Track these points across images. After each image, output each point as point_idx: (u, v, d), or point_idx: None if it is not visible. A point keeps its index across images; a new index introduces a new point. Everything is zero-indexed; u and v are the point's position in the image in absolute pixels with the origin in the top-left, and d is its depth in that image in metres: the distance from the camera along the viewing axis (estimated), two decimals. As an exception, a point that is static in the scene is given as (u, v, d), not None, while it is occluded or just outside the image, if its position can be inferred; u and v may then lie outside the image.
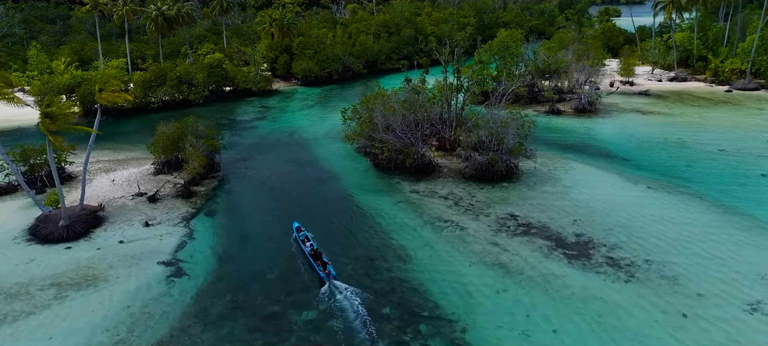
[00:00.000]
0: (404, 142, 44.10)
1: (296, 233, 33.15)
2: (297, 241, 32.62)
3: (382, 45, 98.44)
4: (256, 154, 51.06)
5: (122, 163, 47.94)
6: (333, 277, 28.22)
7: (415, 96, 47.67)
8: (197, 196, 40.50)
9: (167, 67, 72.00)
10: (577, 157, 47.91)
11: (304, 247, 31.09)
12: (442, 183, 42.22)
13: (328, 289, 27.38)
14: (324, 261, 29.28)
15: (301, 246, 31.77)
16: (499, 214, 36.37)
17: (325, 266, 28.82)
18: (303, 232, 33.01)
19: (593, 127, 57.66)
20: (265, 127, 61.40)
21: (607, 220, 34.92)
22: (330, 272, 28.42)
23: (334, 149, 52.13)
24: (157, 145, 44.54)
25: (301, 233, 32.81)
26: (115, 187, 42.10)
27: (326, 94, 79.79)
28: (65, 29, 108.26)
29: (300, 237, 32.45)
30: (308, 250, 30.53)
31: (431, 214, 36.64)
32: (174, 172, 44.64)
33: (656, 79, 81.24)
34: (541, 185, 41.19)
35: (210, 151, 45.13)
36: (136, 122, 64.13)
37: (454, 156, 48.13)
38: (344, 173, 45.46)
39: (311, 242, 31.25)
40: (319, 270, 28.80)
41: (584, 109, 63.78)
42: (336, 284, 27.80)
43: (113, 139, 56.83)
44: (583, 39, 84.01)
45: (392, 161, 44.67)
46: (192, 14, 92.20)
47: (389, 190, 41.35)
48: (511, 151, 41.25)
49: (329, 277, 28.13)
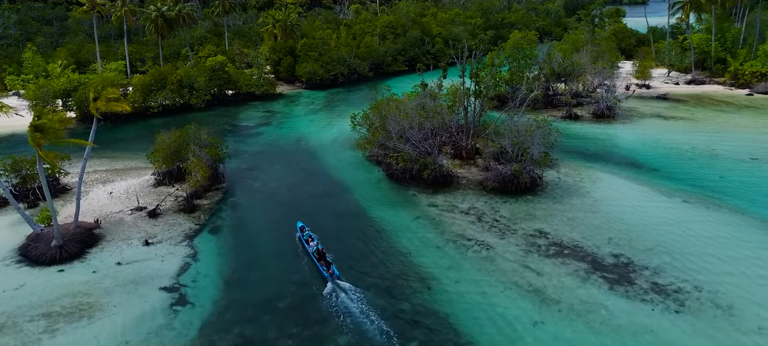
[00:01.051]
0: (420, 151, 41.47)
1: (299, 233, 33.16)
2: (300, 240, 32.62)
3: (388, 47, 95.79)
4: (261, 163, 48.38)
5: (120, 174, 45.25)
6: (336, 277, 28.22)
7: (432, 102, 44.95)
8: (201, 210, 37.83)
9: (167, 70, 69.34)
10: (603, 166, 45.24)
11: (308, 246, 31.04)
12: (462, 196, 39.57)
13: (332, 288, 27.46)
14: (328, 261, 29.38)
15: (304, 246, 31.71)
16: (526, 231, 33.71)
17: (328, 266, 28.87)
18: (307, 231, 32.89)
19: (615, 133, 54.99)
20: (270, 133, 58.72)
21: (645, 238, 32.26)
22: (333, 271, 28.45)
23: (343, 158, 49.45)
24: (158, 154, 41.90)
25: (305, 233, 32.66)
26: (113, 200, 39.42)
27: (332, 98, 77.13)
28: (62, 30, 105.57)
29: (304, 237, 32.32)
30: (312, 249, 30.44)
31: (453, 231, 33.97)
32: (175, 183, 41.99)
33: (673, 82, 78.60)
34: (568, 198, 38.54)
35: (214, 162, 42.48)
36: (135, 128, 61.45)
37: (472, 165, 45.49)
38: (356, 184, 42.79)
39: (315, 242, 31.26)
40: (322, 270, 28.86)
41: (603, 114, 61.12)
42: (340, 283, 27.80)
43: (111, 146, 54.11)
44: (596, 40, 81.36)
45: (407, 172, 42.03)
46: (193, 15, 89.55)
47: (406, 203, 38.69)
48: (537, 162, 38.57)
49: (333, 277, 28.17)
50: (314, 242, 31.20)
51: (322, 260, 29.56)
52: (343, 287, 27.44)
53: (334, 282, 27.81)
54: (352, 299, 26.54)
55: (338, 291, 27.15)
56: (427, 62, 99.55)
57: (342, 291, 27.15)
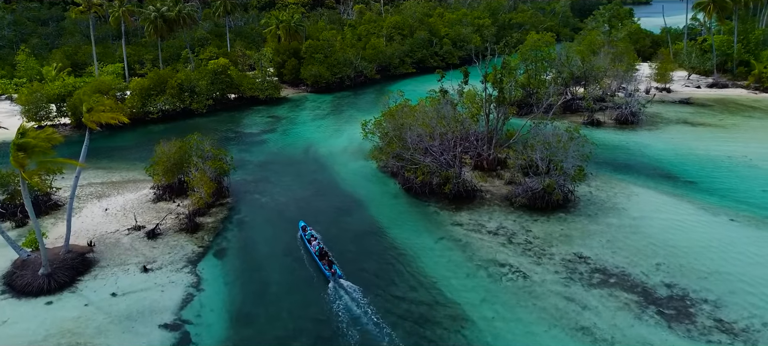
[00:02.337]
0: (441, 163, 38.32)
1: (302, 232, 33.00)
2: (302, 239, 32.43)
3: (396, 48, 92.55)
4: (268, 175, 45.19)
5: (117, 187, 42.05)
6: (339, 276, 28.00)
7: (452, 110, 41.74)
8: (204, 230, 34.64)
9: (167, 73, 66.12)
10: (635, 179, 42.11)
11: (310, 246, 30.86)
12: (488, 213, 36.41)
13: (334, 288, 27.28)
14: (330, 260, 29.27)
15: (306, 245, 31.54)
16: (564, 255, 30.57)
17: (331, 266, 28.72)
18: (309, 231, 32.67)
19: (643, 141, 51.82)
20: (275, 141, 55.52)
21: (698, 264, 29.13)
22: (336, 271, 28.28)
23: (355, 169, 46.27)
24: (157, 167, 38.70)
25: (307, 233, 32.39)
26: (108, 218, 36.23)
27: (339, 102, 73.93)
28: (59, 31, 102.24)
29: (306, 236, 32.09)
30: (315, 249, 30.22)
31: (483, 255, 30.81)
32: (177, 198, 38.82)
33: (694, 86, 75.49)
34: (604, 216, 35.39)
35: (218, 175, 39.31)
36: (133, 136, 58.22)
37: (495, 177, 42.34)
38: (372, 199, 39.62)
39: (318, 241, 31.13)
40: (324, 269, 28.67)
41: (626, 120, 58.00)
42: (342, 283, 27.59)
43: (108, 156, 50.92)
44: (613, 42, 78.21)
45: (426, 186, 38.88)
46: (193, 16, 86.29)
47: (427, 222, 35.53)
48: (572, 177, 35.40)
49: (335, 276, 27.97)
50: (316, 242, 31.04)
51: (324, 259, 29.36)
52: (346, 288, 27.21)
53: (337, 282, 27.61)
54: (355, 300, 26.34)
55: (341, 292, 27.01)
56: (435, 64, 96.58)
57: (345, 292, 26.94)
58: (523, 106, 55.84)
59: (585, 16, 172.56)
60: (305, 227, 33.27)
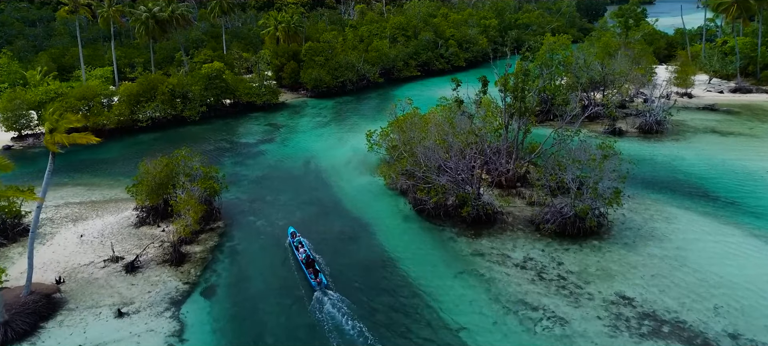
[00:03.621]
0: (457, 181, 34.22)
1: (290, 239, 32.00)
2: (291, 246, 31.44)
3: (399, 50, 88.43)
4: (264, 192, 41.08)
5: (97, 208, 37.91)
6: (324, 286, 27.20)
7: (468, 121, 37.67)
8: (191, 262, 30.53)
9: (158, 78, 62.01)
10: (670, 198, 38.02)
11: (298, 253, 29.93)
12: (512, 239, 32.31)
13: (320, 298, 26.37)
14: (316, 269, 28.14)
15: (294, 252, 30.57)
16: (605, 295, 26.47)
17: (316, 275, 27.73)
18: (297, 237, 31.75)
19: (671, 153, 47.72)
20: (273, 152, 51.37)
21: (762, 306, 25.07)
22: (321, 280, 27.46)
23: (361, 185, 42.15)
24: (141, 187, 34.62)
25: (296, 239, 31.47)
26: (83, 247, 32.10)
27: (340, 108, 69.83)
28: (49, 32, 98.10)
29: (294, 243, 31.13)
30: (302, 257, 29.26)
31: (511, 294, 26.73)
32: (162, 221, 34.72)
33: (716, 91, 71.40)
34: (644, 244, 31.31)
35: (208, 195, 35.22)
36: (119, 146, 54.11)
37: (515, 196, 38.28)
38: (380, 222, 35.49)
39: (305, 249, 30.05)
40: (310, 278, 27.70)
41: (650, 129, 53.92)
42: (328, 292, 26.73)
43: (90, 170, 46.85)
44: (630, 44, 74.07)
45: (441, 207, 34.81)
46: (187, 16, 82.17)
47: (443, 251, 31.44)
48: (607, 201, 31.28)
49: (321, 286, 27.15)
50: (303, 249, 29.99)
51: (310, 267, 28.21)
52: (331, 298, 26.22)
53: (322, 291, 26.79)
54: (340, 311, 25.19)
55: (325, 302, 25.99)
56: (440, 66, 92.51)
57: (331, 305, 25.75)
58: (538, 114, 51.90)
59: (591, 16, 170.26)
60: (294, 233, 32.48)
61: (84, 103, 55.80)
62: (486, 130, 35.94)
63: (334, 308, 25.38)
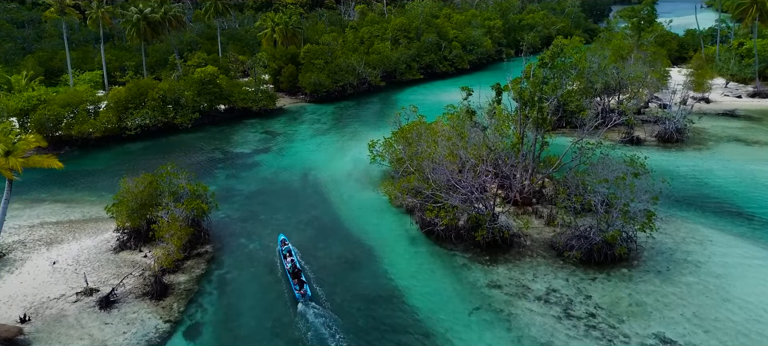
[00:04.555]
0: (470, 200, 31.03)
1: (280, 246, 30.99)
2: (279, 254, 30.41)
3: (402, 52, 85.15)
4: (259, 209, 37.85)
5: (74, 229, 34.67)
6: (308, 298, 26.32)
7: (482, 134, 34.47)
8: (174, 294, 27.32)
9: (148, 83, 58.76)
10: (701, 217, 34.82)
11: (285, 262, 28.86)
12: (531, 267, 29.12)
13: (303, 309, 25.62)
14: (302, 280, 27.16)
15: (282, 261, 29.57)
16: (642, 336, 23.28)
17: (302, 286, 26.78)
18: (287, 245, 30.75)
19: (696, 165, 44.55)
20: (269, 164, 48.13)
21: (825, 354, 21.90)
22: (306, 292, 26.50)
23: (363, 202, 38.91)
24: (121, 208, 31.41)
25: (285, 247, 30.49)
26: (56, 275, 28.89)
27: (340, 114, 66.61)
28: (39, 34, 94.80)
29: (283, 251, 30.11)
30: (288, 266, 28.20)
31: (535, 337, 23.52)
32: (145, 246, 31.52)
33: (734, 95, 68.22)
34: (679, 273, 28.12)
35: (196, 216, 32.00)
36: (106, 157, 50.87)
37: (531, 214, 35.07)
38: (384, 246, 32.24)
39: (293, 258, 28.93)
40: (295, 289, 26.70)
41: (670, 138, 50.72)
42: (312, 304, 25.91)
43: (72, 183, 43.60)
44: (643, 46, 70.87)
45: (451, 229, 31.61)
46: (181, 18, 78.96)
47: (455, 281, 28.24)
48: (640, 226, 28.05)
49: (305, 297, 26.27)
50: (291, 258, 28.80)
51: (296, 278, 27.22)
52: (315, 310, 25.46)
53: (306, 303, 25.90)
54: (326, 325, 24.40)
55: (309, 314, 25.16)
56: (444, 69, 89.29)
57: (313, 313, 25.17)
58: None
59: (596, 17, 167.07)
60: (284, 241, 31.44)
61: (68, 110, 52.55)
62: (502, 144, 32.61)
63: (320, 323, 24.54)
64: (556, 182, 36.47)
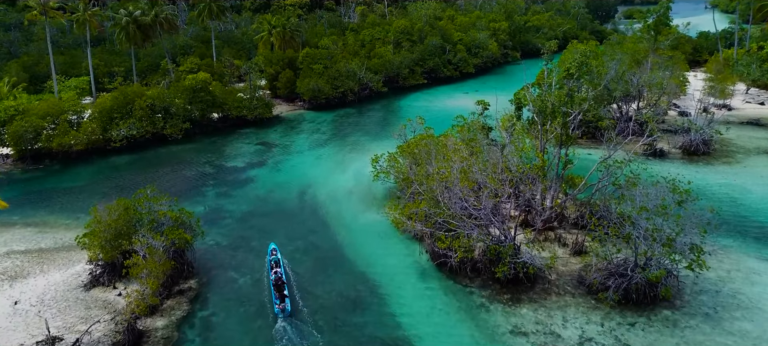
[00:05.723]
0: (487, 227, 27.42)
1: (269, 256, 29.58)
2: (267, 264, 29.06)
3: (404, 56, 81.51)
4: (251, 236, 34.15)
5: (44, 260, 30.98)
6: (287, 314, 24.94)
7: (500, 152, 30.80)
8: (150, 343, 23.66)
9: (136, 91, 55.08)
10: (743, 245, 31.22)
11: (272, 273, 27.13)
12: (560, 308, 25.48)
13: (282, 326, 24.20)
14: (284, 294, 25.40)
15: (268, 272, 28.30)
16: (699, 403, 19.63)
17: (283, 299, 25.15)
18: (276, 255, 29.36)
19: (728, 182, 40.93)
20: (264, 180, 44.47)
21: None
22: (285, 307, 24.91)
23: (366, 226, 35.24)
24: (93, 239, 27.76)
25: (274, 257, 29.02)
26: (16, 319, 25.24)
27: (341, 122, 62.98)
28: (28, 37, 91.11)
29: (271, 261, 28.68)
30: (273, 278, 26.45)
31: (573, 401, 19.88)
32: (119, 282, 27.87)
33: (756, 102, 64.68)
34: (729, 316, 24.50)
35: (178, 248, 28.37)
36: (89, 172, 47.18)
37: (555, 241, 31.45)
38: (391, 281, 28.60)
39: (279, 269, 27.32)
40: (275, 303, 25.22)
41: (696, 150, 47.13)
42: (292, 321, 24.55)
43: (48, 203, 39.95)
44: (659, 50, 67.22)
45: (467, 261, 27.99)
46: (174, 21, 75.30)
47: (473, 325, 24.61)
48: (688, 265, 24.38)
49: (284, 313, 24.91)
50: (278, 269, 27.23)
51: (279, 291, 25.54)
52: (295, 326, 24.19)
53: (286, 319, 24.57)
54: None
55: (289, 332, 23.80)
56: (448, 73, 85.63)
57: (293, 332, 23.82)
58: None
59: (602, 18, 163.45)
60: (275, 250, 30.07)
61: (49, 121, 48.90)
62: (523, 167, 28.88)
63: None
64: (582, 205, 32.83)
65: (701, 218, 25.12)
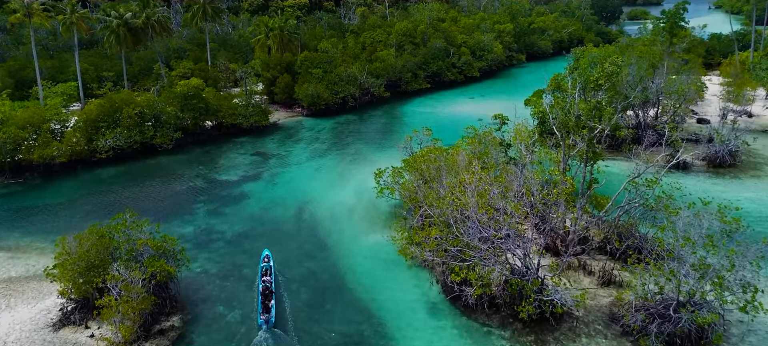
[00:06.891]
0: (504, 253, 24.34)
1: (261, 262, 28.89)
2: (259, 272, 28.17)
3: (407, 59, 78.38)
4: (243, 262, 30.98)
5: (12, 292, 27.83)
6: (271, 325, 23.60)
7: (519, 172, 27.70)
8: (122, 399, 20.55)
9: (124, 98, 51.96)
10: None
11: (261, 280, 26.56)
12: (591, 353, 22.38)
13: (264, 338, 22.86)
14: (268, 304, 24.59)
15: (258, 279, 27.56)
16: None
17: (267, 310, 24.23)
18: (268, 263, 28.59)
19: (760, 198, 37.87)
20: (259, 195, 41.35)
21: None
22: (269, 318, 23.67)
23: (370, 250, 32.12)
24: (63, 271, 24.64)
25: (266, 264, 28.39)
26: (-29, 368, 22.12)
27: (341, 130, 59.89)
28: (18, 40, 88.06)
29: (262, 268, 28.06)
30: (261, 286, 25.83)
31: None
32: (92, 320, 24.75)
33: (777, 108, 61.61)
34: (788, 364, 21.40)
35: (159, 281, 25.25)
36: (71, 186, 44.08)
37: (579, 268, 28.36)
38: (399, 318, 25.47)
39: (268, 278, 26.59)
40: (259, 312, 24.27)
41: (722, 162, 44.08)
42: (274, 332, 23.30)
43: (23, 223, 36.79)
44: (674, 54, 64.14)
45: (485, 298, 24.87)
46: (166, 23, 72.23)
47: (496, 375, 21.49)
48: (742, 306, 21.26)
49: (268, 324, 23.57)
50: (267, 278, 26.58)
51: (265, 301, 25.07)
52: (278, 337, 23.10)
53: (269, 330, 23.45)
54: None
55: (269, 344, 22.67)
56: (452, 77, 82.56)
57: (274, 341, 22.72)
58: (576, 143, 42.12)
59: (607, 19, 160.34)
60: (268, 257, 29.24)
61: (30, 131, 45.78)
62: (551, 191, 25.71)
63: None
64: (609, 227, 29.70)
65: (756, 250, 21.96)
